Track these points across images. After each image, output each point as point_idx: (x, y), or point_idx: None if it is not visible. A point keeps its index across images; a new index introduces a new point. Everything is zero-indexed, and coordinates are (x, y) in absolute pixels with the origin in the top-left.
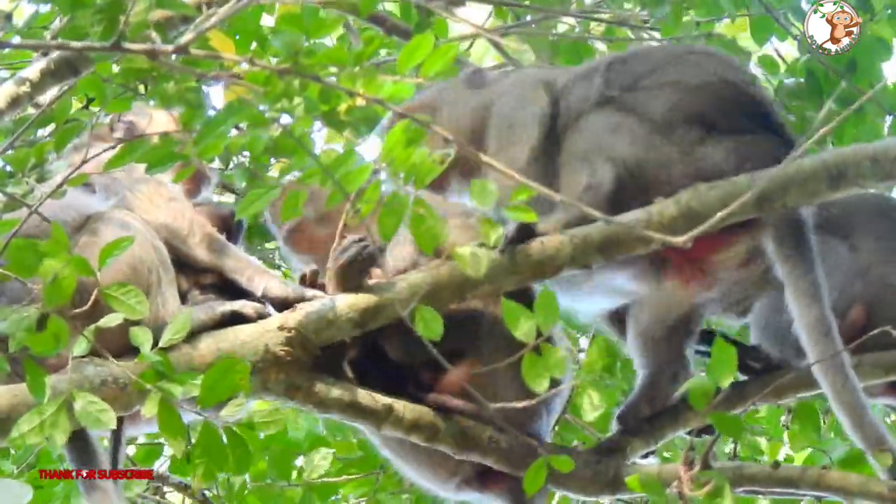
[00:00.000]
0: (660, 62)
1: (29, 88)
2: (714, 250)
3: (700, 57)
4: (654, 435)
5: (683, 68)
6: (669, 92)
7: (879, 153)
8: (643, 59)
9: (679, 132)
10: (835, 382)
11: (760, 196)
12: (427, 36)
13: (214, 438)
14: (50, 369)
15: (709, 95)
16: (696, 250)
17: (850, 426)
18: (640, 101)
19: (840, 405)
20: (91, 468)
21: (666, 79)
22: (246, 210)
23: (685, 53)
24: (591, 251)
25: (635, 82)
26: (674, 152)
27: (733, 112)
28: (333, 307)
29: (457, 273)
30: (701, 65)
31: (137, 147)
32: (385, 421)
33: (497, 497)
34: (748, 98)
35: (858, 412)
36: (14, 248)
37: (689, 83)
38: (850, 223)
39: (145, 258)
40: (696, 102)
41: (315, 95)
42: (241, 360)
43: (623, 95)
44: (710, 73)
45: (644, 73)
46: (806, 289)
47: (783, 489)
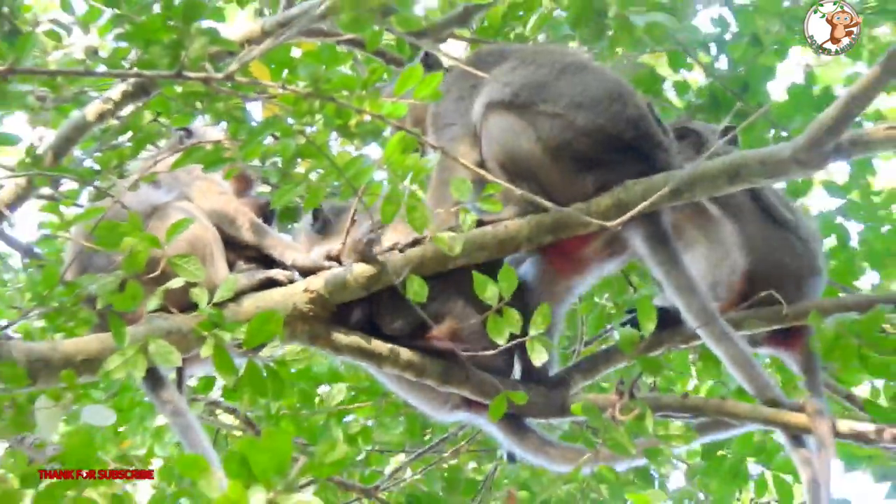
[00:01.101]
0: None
1: (111, 106)
2: (580, 247)
3: (590, 95)
4: (591, 371)
5: (573, 106)
6: (562, 128)
7: (766, 157)
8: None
9: (564, 163)
10: (727, 350)
11: (674, 190)
12: (418, 67)
13: (256, 373)
14: (128, 322)
15: (593, 139)
16: (567, 246)
17: (742, 379)
18: (540, 122)
19: (732, 365)
20: (163, 394)
21: (563, 108)
22: (279, 201)
23: (580, 88)
24: (543, 233)
25: (539, 93)
26: (556, 175)
27: (603, 150)
28: (347, 274)
29: (439, 250)
30: (601, 104)
31: (196, 152)
32: (385, 361)
33: (480, 417)
34: (616, 139)
35: (748, 369)
36: (101, 229)
37: (580, 126)
38: (740, 209)
39: (200, 236)
40: (583, 144)
41: (331, 112)
42: (275, 313)
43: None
44: (592, 118)
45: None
46: (683, 284)
47: (691, 414)
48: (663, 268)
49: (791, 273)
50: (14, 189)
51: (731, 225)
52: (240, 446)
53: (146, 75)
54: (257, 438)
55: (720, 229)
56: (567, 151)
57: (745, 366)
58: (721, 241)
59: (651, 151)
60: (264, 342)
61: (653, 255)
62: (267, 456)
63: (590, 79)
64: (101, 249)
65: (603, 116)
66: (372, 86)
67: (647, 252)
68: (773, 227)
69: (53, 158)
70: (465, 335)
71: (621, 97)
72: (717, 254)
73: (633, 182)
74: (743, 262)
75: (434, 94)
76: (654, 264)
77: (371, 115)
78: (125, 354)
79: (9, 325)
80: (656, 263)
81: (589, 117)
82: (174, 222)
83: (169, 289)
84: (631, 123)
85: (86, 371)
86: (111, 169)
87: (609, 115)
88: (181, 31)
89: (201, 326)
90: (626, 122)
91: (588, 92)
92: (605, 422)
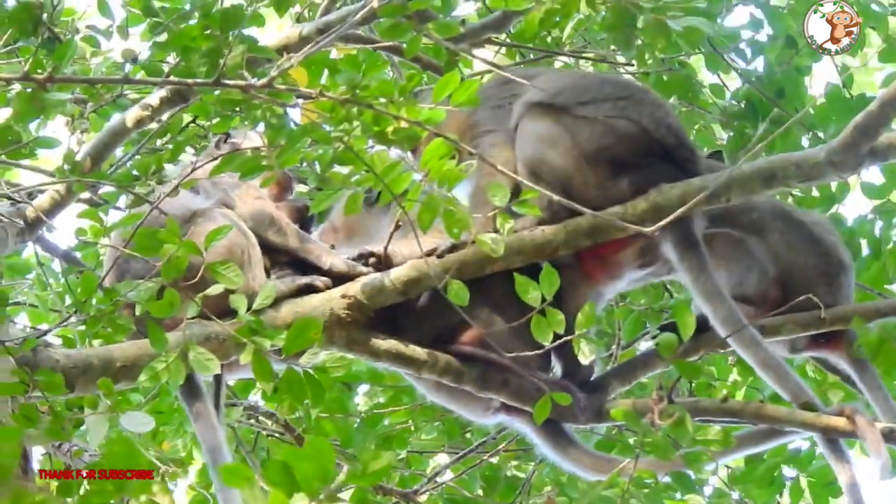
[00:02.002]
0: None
1: (150, 112)
2: (615, 251)
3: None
4: (629, 377)
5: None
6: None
7: (801, 160)
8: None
9: (601, 167)
10: (756, 355)
11: (711, 193)
12: (455, 73)
13: (295, 379)
14: (166, 328)
15: (635, 142)
16: (601, 250)
17: (774, 384)
18: (578, 127)
19: (763, 371)
20: (199, 403)
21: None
22: (318, 206)
23: (624, 94)
24: (580, 237)
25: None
26: (591, 179)
27: (642, 153)
28: (384, 279)
29: (478, 253)
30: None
31: (234, 159)
32: (423, 367)
33: (519, 420)
34: (657, 143)
35: (780, 374)
36: (139, 235)
37: (621, 130)
38: (762, 224)
39: (239, 242)
40: (623, 147)
41: (369, 119)
42: (314, 319)
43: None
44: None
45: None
46: (711, 291)
47: (730, 419)
48: (692, 274)
49: (821, 272)
50: (53, 195)
51: (755, 238)
52: (283, 454)
53: (185, 83)
54: (300, 447)
55: (745, 245)
56: (605, 155)
57: (777, 370)
58: (748, 254)
59: (687, 159)
60: (303, 348)
61: (682, 261)
62: (310, 464)
63: (634, 89)
64: (139, 256)
65: (647, 119)
66: (409, 92)
67: (677, 257)
68: (794, 230)
69: (92, 164)
70: (494, 341)
71: (663, 107)
72: (744, 265)
73: (670, 186)
74: (772, 269)
75: (471, 100)
76: (682, 270)
77: (408, 121)
78: (164, 361)
79: (48, 332)
80: (685, 269)
81: (632, 120)
82: (213, 229)
83: (208, 295)
84: (672, 131)
85: (124, 378)
86: (149, 175)
87: (653, 119)
88: (219, 39)
89: (240, 333)
90: (667, 128)
91: (633, 98)
92: (644, 426)
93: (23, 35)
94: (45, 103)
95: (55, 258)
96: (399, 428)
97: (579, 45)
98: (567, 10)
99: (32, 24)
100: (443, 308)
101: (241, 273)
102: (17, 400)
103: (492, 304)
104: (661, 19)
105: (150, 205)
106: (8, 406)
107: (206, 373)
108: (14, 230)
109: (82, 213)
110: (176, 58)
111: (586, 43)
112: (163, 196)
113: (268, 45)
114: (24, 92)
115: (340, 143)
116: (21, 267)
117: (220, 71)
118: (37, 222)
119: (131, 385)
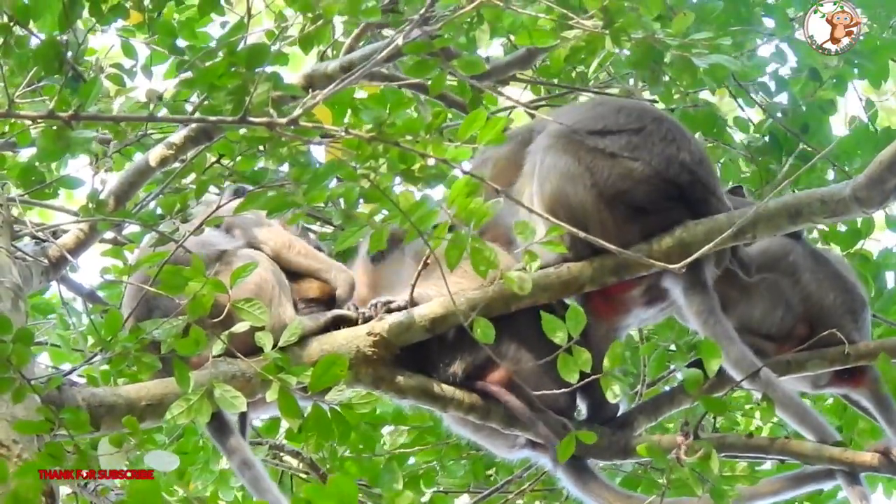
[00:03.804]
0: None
1: (174, 151)
2: (622, 290)
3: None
4: (655, 413)
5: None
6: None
7: (826, 196)
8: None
9: (618, 211)
10: (774, 396)
11: (738, 231)
12: (482, 111)
13: (322, 416)
14: (192, 366)
15: (650, 187)
16: (609, 290)
17: (796, 423)
18: (596, 165)
19: (783, 411)
20: (230, 442)
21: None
22: (343, 244)
23: (637, 125)
24: (606, 274)
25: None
26: (608, 220)
27: (657, 197)
28: (411, 317)
29: (504, 290)
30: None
31: (260, 196)
32: (449, 404)
33: (545, 457)
34: (670, 183)
35: (800, 413)
36: (165, 273)
37: (637, 174)
38: (793, 265)
39: (268, 279)
40: (634, 192)
41: (395, 156)
42: (341, 355)
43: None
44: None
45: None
46: (720, 334)
47: (756, 454)
48: (700, 318)
49: (847, 309)
50: (77, 234)
51: (788, 279)
52: (306, 492)
53: (210, 121)
54: (323, 484)
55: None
56: (622, 199)
57: (796, 409)
58: (778, 294)
59: (704, 197)
60: (330, 385)
61: (690, 306)
62: (333, 502)
63: (648, 119)
64: (164, 294)
65: (657, 159)
66: (436, 129)
67: (685, 302)
68: (822, 268)
69: (116, 203)
70: (522, 378)
71: (675, 141)
72: (770, 304)
73: (696, 222)
74: (801, 307)
75: (498, 137)
76: (691, 314)
77: (435, 159)
78: (190, 399)
79: (72, 371)
80: (694, 314)
81: (645, 162)
82: (239, 267)
83: (234, 333)
84: (686, 167)
85: (149, 416)
86: (174, 213)
87: (664, 158)
88: (245, 76)
89: (266, 370)
90: (680, 165)
91: (645, 132)
92: (670, 462)
93: (48, 73)
94: (70, 141)
95: (79, 297)
96: (426, 467)
97: (604, 80)
98: (592, 47)
99: (57, 63)
100: (471, 345)
101: (266, 310)
102: (43, 438)
103: (518, 340)
104: (687, 57)
105: (174, 243)
106: (34, 444)
107: (233, 410)
108: (38, 269)
109: (106, 252)
110: (200, 96)
111: (611, 78)
112: (188, 234)
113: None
114: (48, 130)
115: (367, 180)
116: (44, 307)
117: (245, 108)
118: (61, 261)
119: (157, 424)
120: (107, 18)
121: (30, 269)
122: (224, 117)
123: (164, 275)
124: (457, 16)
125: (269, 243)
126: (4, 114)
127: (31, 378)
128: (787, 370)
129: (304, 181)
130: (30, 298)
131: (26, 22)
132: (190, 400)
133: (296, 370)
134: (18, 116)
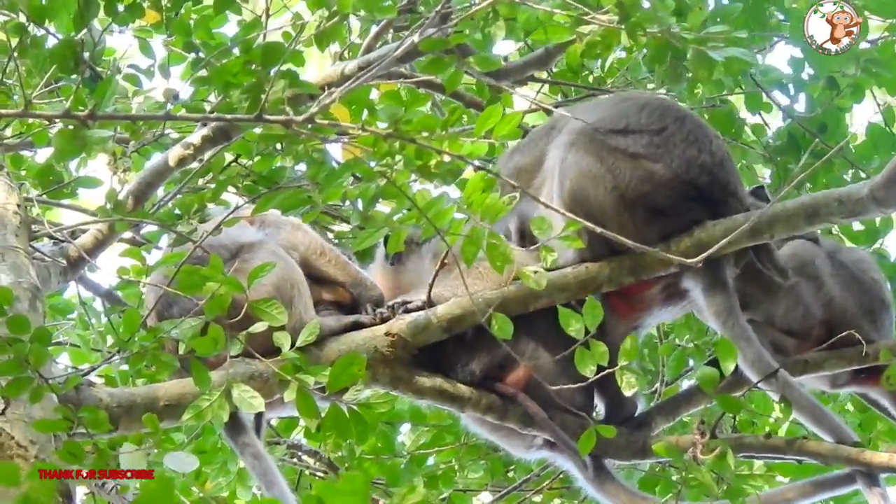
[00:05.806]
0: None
1: (192, 151)
2: (640, 289)
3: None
4: (673, 412)
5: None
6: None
7: (844, 196)
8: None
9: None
10: (791, 397)
11: (754, 229)
12: (497, 107)
13: (340, 416)
14: (210, 366)
15: (668, 192)
16: (628, 289)
17: (812, 424)
18: (619, 167)
19: (800, 412)
20: (243, 439)
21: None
22: (361, 244)
23: (658, 125)
24: (624, 273)
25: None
26: (627, 222)
27: (677, 199)
28: (428, 317)
29: (521, 290)
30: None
31: (277, 195)
32: (467, 404)
33: (562, 456)
34: (690, 185)
35: (816, 414)
36: (183, 273)
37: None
38: (816, 269)
39: (287, 277)
40: (655, 195)
41: (411, 154)
42: (358, 356)
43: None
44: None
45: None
46: (738, 335)
47: (773, 454)
48: (720, 318)
49: (866, 311)
50: (95, 234)
51: (808, 282)
52: (317, 489)
53: (227, 119)
54: (335, 481)
55: (797, 288)
56: (643, 202)
57: (814, 411)
58: (798, 295)
59: (723, 198)
60: (347, 385)
61: (710, 306)
62: (345, 499)
63: (670, 119)
64: (182, 294)
65: (677, 161)
66: (452, 126)
67: (705, 302)
68: (842, 270)
69: (134, 203)
70: (541, 378)
71: (697, 142)
72: (791, 303)
73: (714, 223)
74: (820, 310)
75: (513, 133)
76: (710, 314)
77: (451, 155)
78: (208, 399)
79: (91, 370)
80: (713, 314)
81: (665, 164)
82: (257, 265)
83: (251, 333)
84: (705, 169)
85: (168, 416)
86: (192, 213)
87: (683, 160)
88: (261, 74)
89: (284, 370)
90: (700, 167)
91: (666, 133)
92: (687, 462)
93: (64, 73)
94: (87, 140)
95: (97, 297)
96: (444, 467)
97: (621, 82)
98: (608, 42)
99: (74, 62)
100: (488, 344)
101: (285, 310)
102: (61, 438)
103: (536, 339)
104: (703, 50)
105: (192, 243)
106: (52, 444)
107: (251, 410)
108: (56, 270)
109: (124, 252)
110: (217, 95)
111: (629, 81)
112: (205, 234)
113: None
114: (65, 129)
115: (383, 177)
116: (63, 307)
117: (261, 106)
118: (79, 262)
119: (175, 424)
120: (123, 18)
121: (48, 270)
122: (240, 115)
123: (181, 274)
124: (473, 11)
125: (299, 248)
126: (21, 113)
127: (49, 378)
128: (805, 370)
129: (321, 179)
130: (49, 299)
131: (42, 21)
132: (208, 400)
133: (313, 370)
134: (35, 116)
